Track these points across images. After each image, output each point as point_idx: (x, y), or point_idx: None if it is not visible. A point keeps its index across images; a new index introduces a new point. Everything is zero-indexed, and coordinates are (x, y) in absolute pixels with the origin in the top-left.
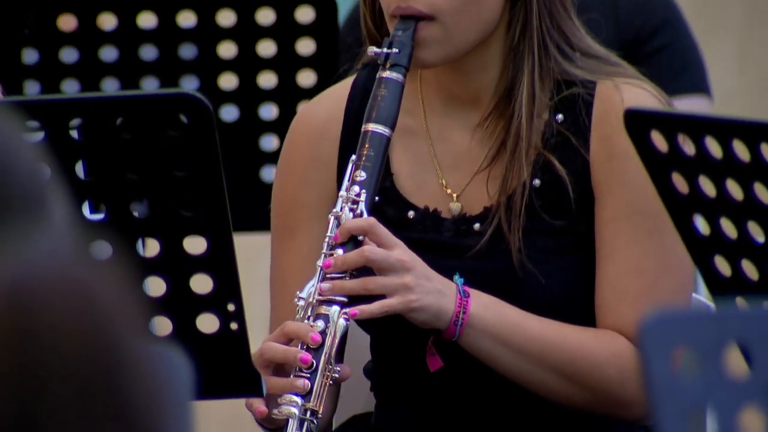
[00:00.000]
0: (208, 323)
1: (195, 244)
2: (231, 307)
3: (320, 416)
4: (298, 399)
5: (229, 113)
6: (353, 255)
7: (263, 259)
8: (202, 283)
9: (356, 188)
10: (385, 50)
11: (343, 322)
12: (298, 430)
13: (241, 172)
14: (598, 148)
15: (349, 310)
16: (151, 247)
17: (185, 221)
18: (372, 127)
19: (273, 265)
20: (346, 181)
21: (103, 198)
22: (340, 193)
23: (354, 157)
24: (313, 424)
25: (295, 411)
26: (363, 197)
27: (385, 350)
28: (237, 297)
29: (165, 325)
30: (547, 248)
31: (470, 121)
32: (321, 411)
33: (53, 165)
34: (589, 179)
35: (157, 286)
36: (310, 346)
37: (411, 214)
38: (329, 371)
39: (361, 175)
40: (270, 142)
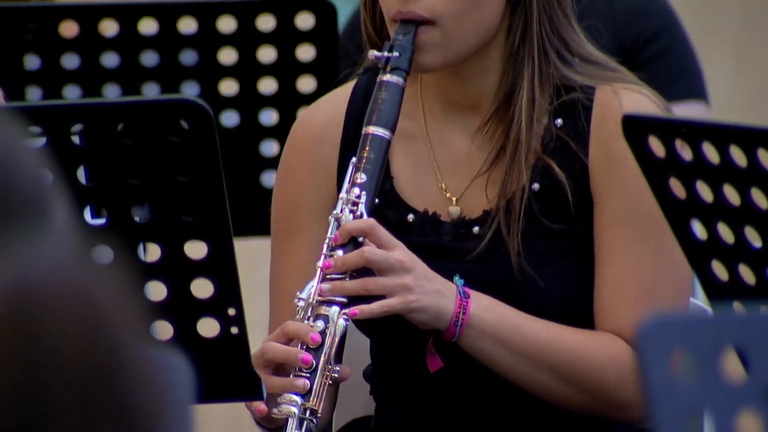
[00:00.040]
0: (208, 327)
1: (196, 249)
2: (231, 311)
3: (319, 416)
4: (297, 398)
5: (229, 119)
6: (353, 256)
7: (264, 263)
8: (202, 288)
9: (356, 190)
10: (386, 54)
11: (343, 323)
12: (297, 429)
13: (242, 177)
14: (597, 153)
15: (349, 310)
16: (152, 252)
17: (186, 226)
18: (372, 129)
19: (272, 268)
20: (347, 184)
21: (105, 203)
22: (340, 195)
23: (354, 159)
24: (313, 423)
25: (294, 410)
26: (363, 199)
27: (385, 352)
28: (237, 301)
29: (166, 330)
30: (546, 252)
31: (470, 126)
32: (320, 410)
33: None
34: (588, 184)
35: (158, 290)
36: (310, 346)
37: (410, 217)
38: (329, 371)
39: (362, 178)
40: (270, 148)
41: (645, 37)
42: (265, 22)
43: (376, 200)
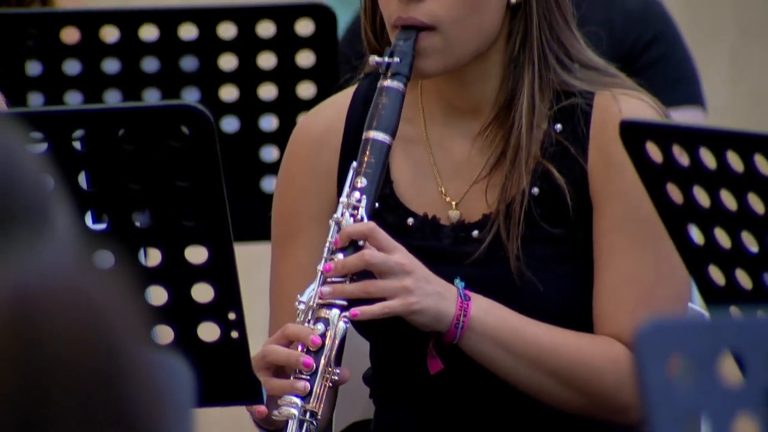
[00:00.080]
0: (209, 332)
1: (196, 254)
2: (232, 315)
3: (319, 418)
4: (298, 400)
5: (229, 124)
6: (353, 259)
7: (264, 268)
8: (203, 292)
9: (357, 194)
10: (387, 59)
11: (343, 325)
12: (297, 431)
13: (242, 182)
14: (596, 158)
15: (349, 311)
16: (153, 257)
17: (187, 231)
18: (373, 134)
19: (272, 272)
20: (347, 188)
21: (106, 208)
22: (341, 199)
23: (355, 163)
24: (313, 425)
25: (294, 412)
26: (363, 203)
27: (385, 354)
28: (238, 306)
29: (166, 334)
30: (546, 256)
31: (470, 130)
32: (320, 413)
33: (56, 176)
34: (587, 188)
35: (158, 295)
36: (311, 348)
37: (410, 221)
38: (329, 373)
39: (362, 182)
40: (270, 153)
41: (642, 43)
42: (265, 29)
43: (377, 204)
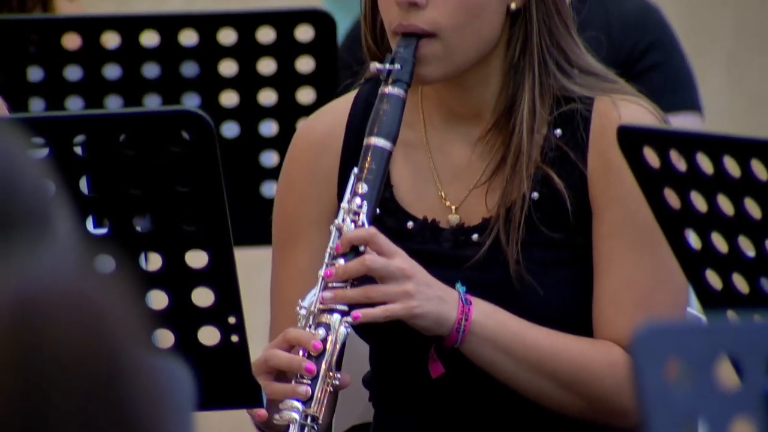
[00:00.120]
0: (209, 336)
1: (196, 258)
2: (232, 319)
3: (320, 422)
4: (299, 405)
5: (230, 130)
6: (354, 264)
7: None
8: (203, 297)
9: (358, 200)
10: (387, 66)
11: (344, 330)
12: None
13: (242, 187)
14: (595, 163)
15: (351, 313)
16: (154, 261)
17: (187, 236)
18: (374, 141)
19: (273, 276)
20: (348, 194)
21: (107, 213)
22: (342, 205)
23: (356, 169)
24: (314, 429)
25: (296, 416)
26: (364, 209)
27: (386, 358)
28: (238, 310)
29: (167, 338)
30: (545, 260)
31: (470, 135)
32: (321, 417)
33: (57, 181)
34: (586, 193)
35: (159, 299)
36: (312, 353)
37: (410, 224)
38: (330, 378)
39: (363, 188)
40: (270, 158)
41: (640, 49)
42: (265, 35)
43: (377, 210)
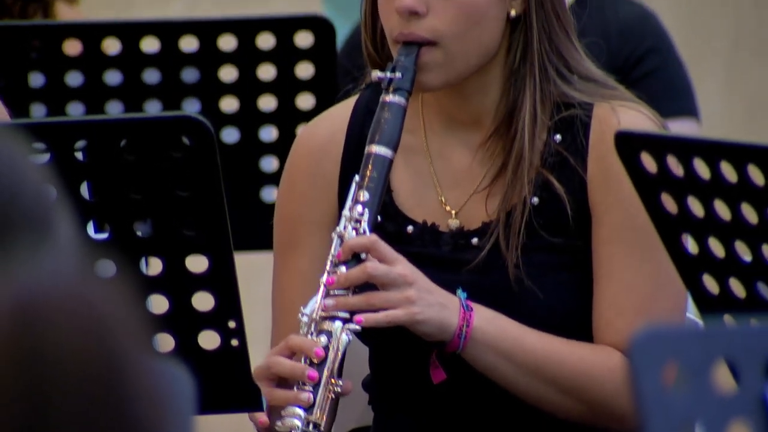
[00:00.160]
0: (209, 340)
1: (197, 263)
2: (232, 324)
3: (322, 429)
4: (301, 412)
5: (230, 135)
6: (356, 271)
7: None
8: (203, 301)
9: (359, 208)
10: (389, 75)
11: (346, 338)
12: None
13: (242, 192)
14: (595, 169)
15: (354, 318)
16: (154, 266)
17: (187, 240)
18: (375, 149)
19: (275, 280)
20: (350, 201)
21: (108, 218)
22: (343, 213)
23: (357, 177)
24: None
25: (298, 423)
26: (366, 217)
27: (386, 363)
28: (238, 314)
29: (168, 342)
30: (545, 264)
31: (470, 141)
32: (323, 424)
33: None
34: (586, 198)
35: (159, 303)
36: (314, 360)
37: (410, 228)
38: (332, 385)
39: (364, 196)
40: (270, 164)
41: (637, 56)
42: (265, 41)
43: (379, 218)
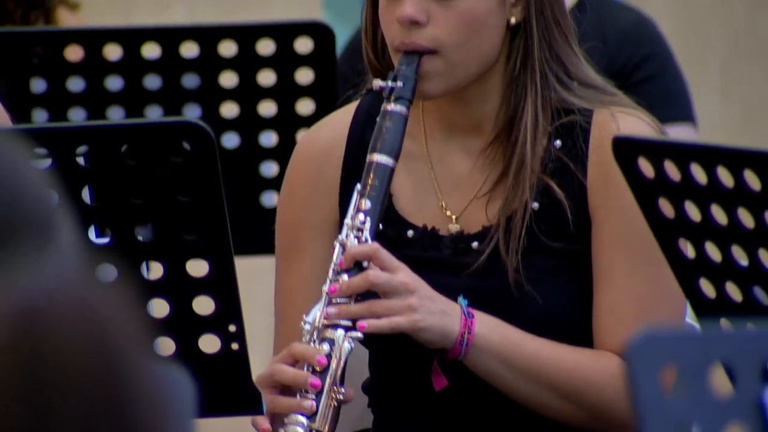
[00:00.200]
0: (209, 343)
1: (197, 267)
2: (232, 327)
3: None
4: (303, 419)
5: (230, 140)
6: (357, 279)
7: (263, 281)
8: (204, 305)
9: (361, 216)
10: (390, 84)
11: (348, 346)
12: None
13: (242, 197)
14: (595, 175)
15: (357, 324)
16: (155, 270)
17: (188, 245)
18: (377, 157)
19: (277, 284)
20: (352, 210)
21: (109, 222)
22: (345, 221)
23: (359, 186)
24: None
25: (300, 431)
26: (367, 225)
27: (387, 369)
28: (238, 318)
29: (168, 346)
30: (545, 267)
31: (470, 146)
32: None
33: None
34: (586, 204)
35: (160, 307)
36: (316, 369)
37: (410, 233)
38: (334, 393)
39: (366, 204)
40: (270, 169)
41: (635, 62)
42: (265, 47)
43: (380, 226)
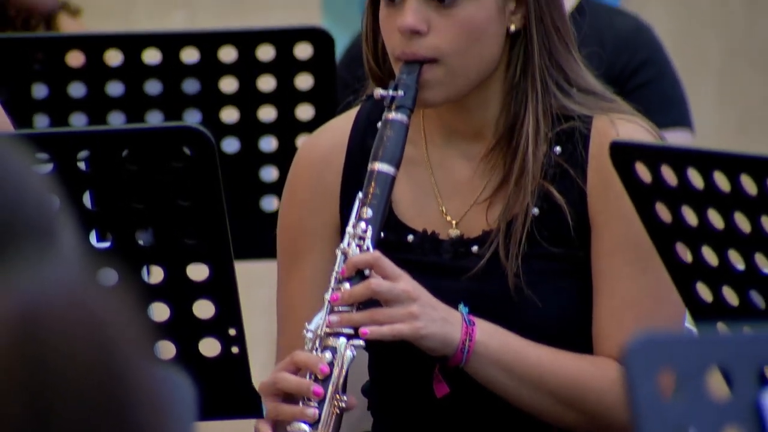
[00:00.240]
0: (210, 347)
1: (197, 271)
2: (232, 331)
3: None
4: (306, 427)
5: (230, 145)
6: (359, 288)
7: (263, 285)
8: (204, 309)
9: (362, 225)
10: (391, 93)
11: (350, 354)
12: None
13: (242, 202)
14: (595, 181)
15: (360, 330)
16: (156, 274)
17: (188, 249)
18: (378, 166)
19: (280, 290)
20: (353, 218)
21: (110, 227)
22: (347, 230)
23: (360, 194)
24: None
25: None
26: (369, 234)
27: (388, 376)
28: (238, 322)
29: (169, 349)
30: (544, 271)
31: (471, 152)
32: None
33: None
34: (586, 210)
35: (161, 311)
36: (319, 377)
37: (410, 237)
38: (337, 401)
39: (368, 213)
40: (269, 174)
41: (632, 67)
42: (265, 52)
43: (382, 234)
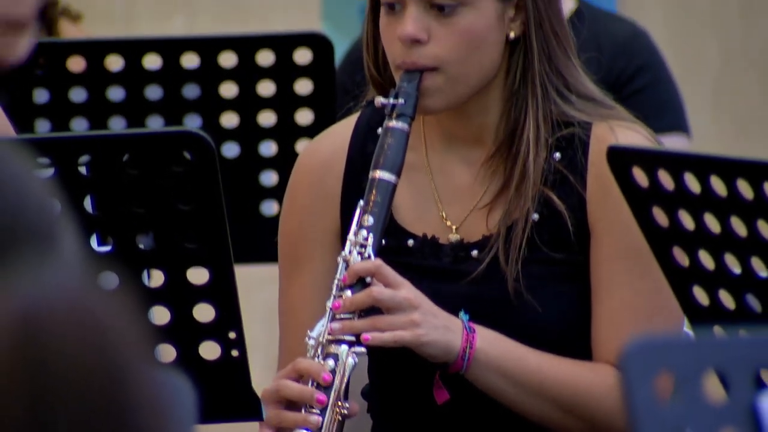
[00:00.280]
0: (210, 350)
1: (198, 275)
2: (232, 335)
3: None
4: None
5: (230, 150)
6: (361, 296)
7: (263, 289)
8: (204, 312)
9: (364, 232)
10: (391, 101)
11: (352, 361)
12: None
13: (242, 206)
14: (594, 187)
15: (362, 335)
16: (156, 278)
17: (188, 253)
18: (379, 174)
19: (281, 295)
20: (354, 226)
21: (110, 231)
22: (349, 237)
23: (362, 202)
24: None
25: None
26: (370, 241)
27: (388, 381)
28: (238, 325)
29: (169, 353)
30: (544, 276)
31: (471, 157)
32: None
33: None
34: (585, 216)
35: (161, 314)
36: (321, 384)
37: (410, 242)
38: (339, 408)
39: (369, 221)
40: (269, 178)
41: (629, 73)
42: (265, 58)
43: (383, 241)
